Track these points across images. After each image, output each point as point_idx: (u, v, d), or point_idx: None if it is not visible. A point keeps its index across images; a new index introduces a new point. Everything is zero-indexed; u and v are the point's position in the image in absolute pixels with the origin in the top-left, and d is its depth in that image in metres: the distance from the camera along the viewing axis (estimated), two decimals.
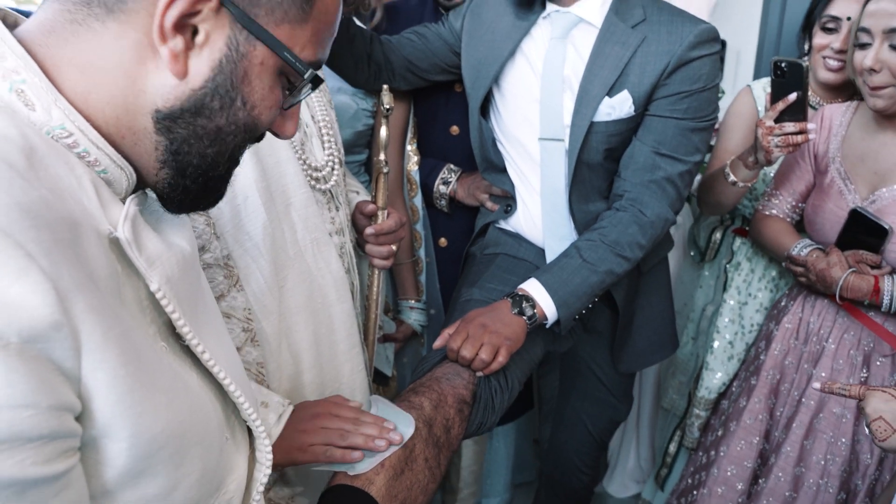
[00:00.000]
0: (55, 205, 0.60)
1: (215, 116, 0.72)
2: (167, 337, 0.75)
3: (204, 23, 0.68)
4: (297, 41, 0.74)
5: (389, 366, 1.94)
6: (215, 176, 0.77)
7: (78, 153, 0.67)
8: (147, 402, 0.66)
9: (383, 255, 1.55)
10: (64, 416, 0.58)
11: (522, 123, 1.73)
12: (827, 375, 1.81)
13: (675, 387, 2.48)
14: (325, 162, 1.43)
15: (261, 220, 1.27)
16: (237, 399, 0.85)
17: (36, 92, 0.65)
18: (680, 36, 1.57)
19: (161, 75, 0.68)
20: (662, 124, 1.62)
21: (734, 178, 1.87)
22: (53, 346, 0.57)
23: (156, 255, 0.72)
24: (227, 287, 1.26)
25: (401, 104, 1.96)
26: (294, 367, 1.36)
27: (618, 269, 1.63)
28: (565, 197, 1.73)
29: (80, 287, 0.59)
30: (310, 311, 1.37)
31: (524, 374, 1.64)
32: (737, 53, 2.54)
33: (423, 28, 1.86)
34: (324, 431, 1.17)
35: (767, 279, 2.20)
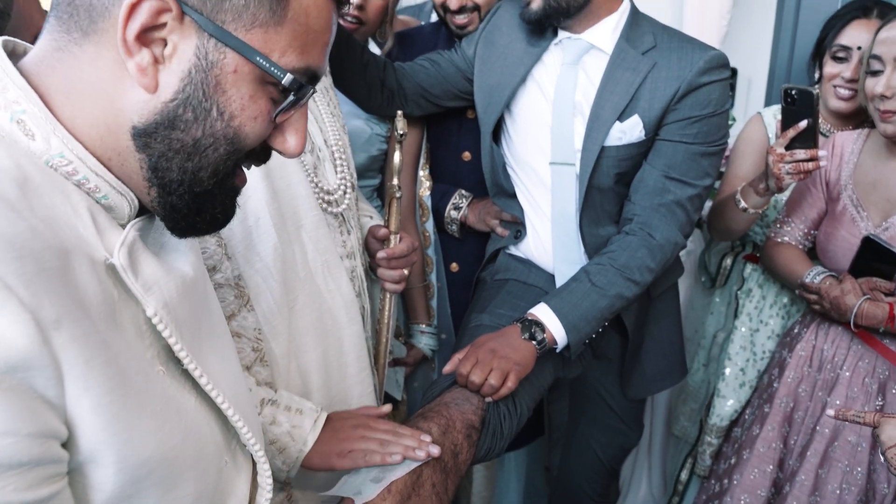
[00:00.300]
0: (45, 234, 0.61)
1: (190, 129, 0.70)
2: (166, 361, 0.76)
3: (171, 34, 0.67)
4: (273, 46, 0.71)
5: (399, 390, 1.95)
6: (202, 192, 0.75)
7: (77, 181, 0.68)
8: (134, 428, 0.66)
9: (395, 280, 1.55)
10: (47, 443, 0.59)
11: (534, 148, 1.75)
12: (842, 403, 1.79)
13: (686, 414, 2.47)
14: (337, 185, 1.44)
15: (272, 241, 1.28)
16: (236, 424, 0.85)
17: (35, 121, 0.66)
18: (690, 62, 1.59)
19: (135, 91, 0.68)
20: (672, 148, 1.63)
21: (745, 204, 1.87)
22: (34, 375, 0.58)
23: (153, 281, 0.72)
24: (238, 307, 1.27)
25: (414, 130, 1.98)
26: (302, 388, 1.37)
27: (627, 293, 1.63)
28: (576, 221, 1.73)
29: (65, 316, 0.60)
30: (319, 333, 1.38)
31: (533, 400, 1.64)
32: (748, 81, 2.55)
33: (436, 55, 1.88)
34: (364, 440, 1.21)
35: (779, 306, 2.19)
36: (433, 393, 1.54)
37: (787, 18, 2.49)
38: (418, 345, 2.06)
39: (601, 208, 1.72)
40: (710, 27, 2.41)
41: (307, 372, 1.37)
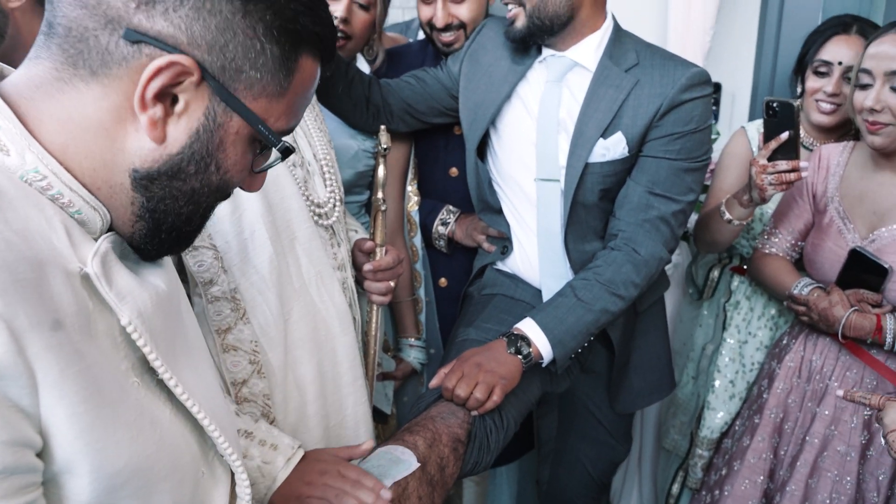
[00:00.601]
0: (19, 246, 0.63)
1: (190, 179, 0.75)
2: (141, 373, 0.76)
3: (184, 93, 0.71)
4: (271, 113, 0.77)
5: (389, 404, 1.95)
6: (189, 230, 0.81)
7: (52, 195, 0.69)
8: (109, 437, 0.67)
9: (381, 292, 1.57)
10: (22, 452, 0.60)
11: (519, 165, 1.76)
12: (830, 414, 1.81)
13: (676, 427, 2.47)
14: (327, 199, 1.46)
15: (267, 253, 1.30)
16: (213, 434, 0.85)
17: (11, 137, 0.68)
18: (672, 79, 1.61)
19: (140, 137, 0.71)
20: (656, 165, 1.65)
21: (729, 216, 1.90)
22: (8, 384, 0.59)
23: (127, 291, 0.73)
24: (234, 320, 1.29)
25: (402, 145, 2.00)
26: (299, 399, 1.38)
27: (613, 308, 1.64)
28: (561, 237, 1.75)
29: (38, 325, 0.61)
30: (314, 344, 1.39)
31: (521, 414, 1.65)
32: (732, 96, 2.59)
33: (421, 72, 1.90)
34: (324, 488, 1.19)
35: (767, 317, 2.20)
36: (420, 407, 1.55)
37: (769, 34, 2.53)
38: (407, 358, 2.07)
39: (586, 224, 1.74)
40: (693, 43, 2.44)
41: (303, 383, 1.38)
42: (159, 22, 0.69)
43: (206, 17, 0.70)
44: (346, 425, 1.48)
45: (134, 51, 0.69)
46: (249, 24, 0.72)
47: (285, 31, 0.74)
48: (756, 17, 2.58)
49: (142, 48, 0.69)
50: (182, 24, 0.69)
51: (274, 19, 0.73)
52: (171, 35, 0.69)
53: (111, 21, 0.68)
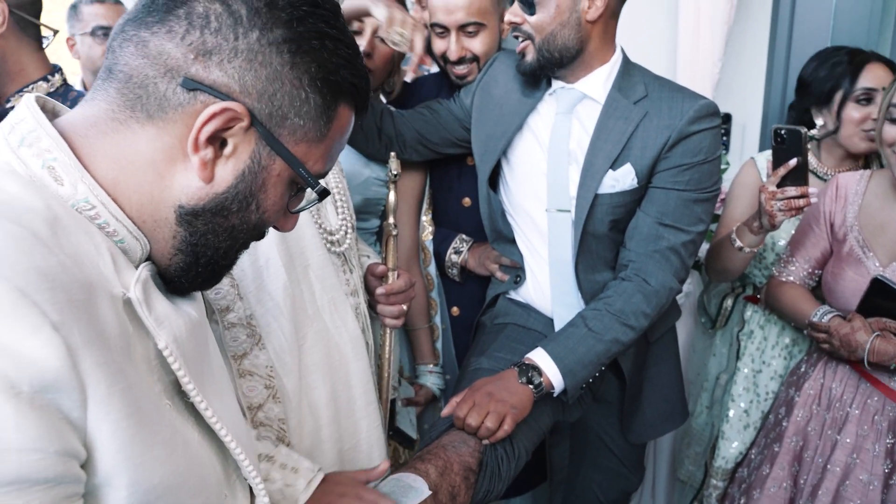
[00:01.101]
0: (72, 269, 0.67)
1: (231, 217, 0.81)
2: (172, 395, 0.80)
3: (233, 136, 0.77)
4: (310, 157, 0.83)
5: (414, 428, 1.96)
6: (224, 265, 0.86)
7: (99, 224, 0.75)
8: (146, 453, 0.70)
9: (394, 315, 1.60)
10: (70, 463, 0.63)
11: (530, 195, 1.79)
12: (852, 442, 1.79)
13: (690, 458, 2.45)
14: (338, 226, 1.50)
15: (282, 280, 1.34)
16: (238, 457, 0.89)
17: (65, 169, 0.73)
18: (680, 111, 1.63)
19: (188, 176, 0.77)
20: (665, 196, 1.66)
21: (740, 243, 1.91)
22: (62, 396, 0.62)
23: (164, 316, 0.78)
24: (250, 346, 1.32)
25: (417, 175, 2.04)
26: (314, 423, 1.40)
27: (623, 338, 1.65)
28: (572, 267, 1.76)
29: (90, 343, 0.65)
30: (328, 369, 1.42)
31: (532, 443, 1.65)
32: (742, 127, 2.61)
33: (435, 103, 1.94)
34: None
35: (781, 346, 2.20)
36: (432, 435, 1.56)
37: (778, 64, 2.56)
38: (426, 384, 2.08)
39: (597, 254, 1.75)
40: (702, 74, 2.47)
41: (317, 407, 1.41)
42: (215, 72, 0.75)
43: (257, 68, 0.76)
44: (360, 449, 1.50)
45: (190, 97, 0.75)
46: (296, 75, 0.78)
47: (328, 82, 0.80)
48: (765, 48, 2.61)
49: (197, 95, 0.75)
50: (235, 74, 0.76)
51: (318, 71, 0.79)
52: (224, 84, 0.75)
53: (170, 70, 0.75)
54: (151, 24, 0.75)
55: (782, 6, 2.54)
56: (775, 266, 2.08)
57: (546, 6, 1.62)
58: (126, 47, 0.76)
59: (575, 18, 1.61)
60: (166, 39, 0.75)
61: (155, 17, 0.75)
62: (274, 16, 0.76)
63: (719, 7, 2.41)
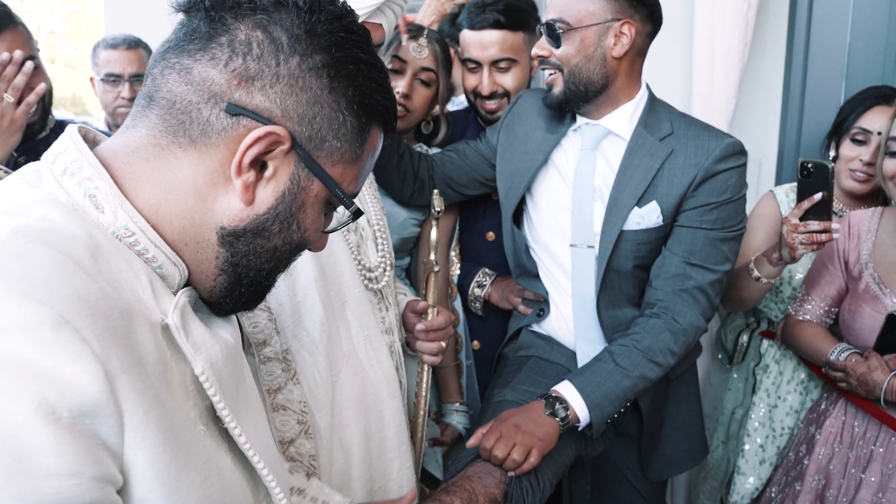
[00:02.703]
0: (112, 296, 0.68)
1: (273, 238, 0.82)
2: (207, 421, 0.80)
3: (273, 160, 0.78)
4: (346, 178, 0.85)
5: (440, 468, 1.94)
6: (266, 285, 0.88)
7: (138, 251, 0.76)
8: (182, 479, 0.70)
9: (433, 352, 1.59)
10: (106, 488, 0.63)
11: (554, 231, 1.79)
12: (877, 480, 1.78)
13: (706, 492, 2.43)
14: (378, 263, 1.50)
15: (318, 316, 1.34)
16: (269, 483, 0.88)
17: (105, 197, 0.75)
18: (707, 149, 1.64)
19: (229, 198, 0.78)
20: (692, 235, 1.66)
21: (758, 273, 1.91)
22: (100, 422, 0.63)
23: (201, 342, 0.78)
24: (285, 380, 1.32)
25: (450, 212, 2.06)
26: (345, 462, 1.39)
27: (650, 375, 1.64)
28: (594, 302, 1.76)
29: (128, 370, 0.65)
30: (361, 406, 1.41)
31: (555, 477, 1.64)
32: (758, 163, 2.61)
33: (462, 145, 1.97)
34: None
35: (796, 381, 2.19)
36: (457, 467, 1.54)
37: (793, 100, 2.57)
38: (452, 423, 2.06)
39: (620, 291, 1.75)
40: (717, 112, 2.49)
41: (349, 445, 1.40)
42: (257, 97, 0.77)
43: (297, 93, 0.78)
44: (390, 490, 1.48)
45: (233, 122, 0.76)
46: (335, 98, 0.80)
47: (363, 104, 0.83)
48: (780, 85, 2.63)
49: (240, 120, 0.76)
50: (277, 99, 0.77)
51: (355, 94, 0.81)
52: (266, 108, 0.77)
53: (214, 96, 0.76)
54: (194, 52, 0.77)
55: (796, 44, 2.56)
56: (791, 305, 2.07)
57: (571, 40, 1.64)
58: (168, 74, 0.77)
59: (600, 54, 1.63)
60: (210, 66, 0.76)
61: (197, 45, 0.77)
62: (313, 42, 0.78)
63: (733, 45, 2.43)
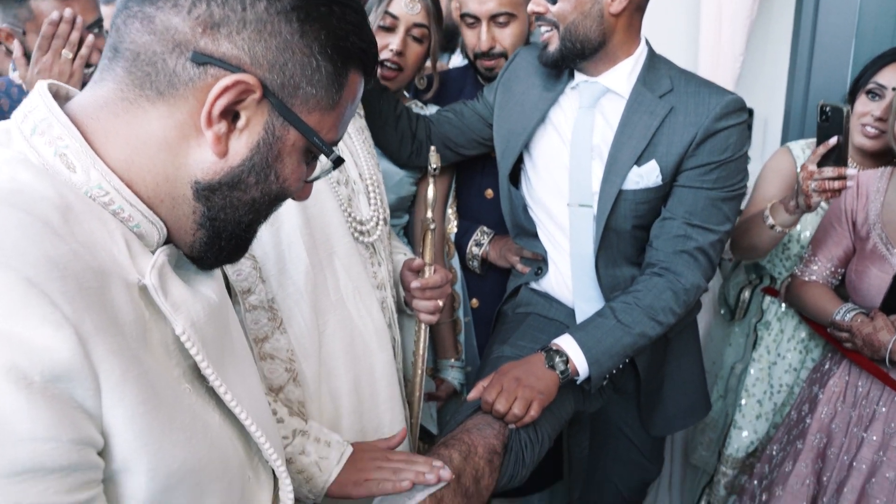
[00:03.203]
0: (85, 257, 0.67)
1: (250, 190, 0.80)
2: (192, 379, 0.80)
3: (245, 109, 0.75)
4: (323, 126, 0.82)
5: (434, 423, 1.97)
6: (247, 238, 0.86)
7: (113, 210, 0.74)
8: (165, 438, 0.70)
9: (430, 310, 1.58)
10: (85, 451, 0.63)
11: (552, 190, 1.78)
12: (879, 439, 1.78)
13: (704, 444, 2.45)
14: (370, 216, 1.49)
15: (303, 265, 1.34)
16: (259, 440, 0.89)
17: (76, 156, 0.72)
18: (707, 107, 1.61)
19: (202, 151, 0.76)
20: (693, 195, 1.64)
21: (773, 221, 1.87)
22: (75, 385, 0.62)
23: (181, 301, 0.77)
24: (271, 329, 1.33)
25: (447, 169, 2.04)
26: (334, 412, 1.41)
27: (651, 333, 1.64)
28: (592, 261, 1.75)
29: (102, 331, 0.65)
30: (350, 358, 1.42)
31: (554, 431, 1.65)
32: (764, 121, 2.58)
33: (459, 105, 1.94)
34: (378, 469, 1.28)
35: (797, 340, 2.19)
36: (456, 420, 1.56)
37: (801, 59, 2.53)
38: (448, 378, 2.08)
39: (618, 250, 1.74)
40: (724, 69, 2.46)
41: (338, 395, 1.41)
42: (224, 44, 0.74)
43: (266, 39, 0.75)
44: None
45: (200, 72, 0.73)
46: (306, 43, 0.77)
47: (337, 48, 0.79)
48: (788, 43, 2.59)
49: (207, 69, 0.73)
50: (245, 46, 0.74)
51: (328, 38, 0.78)
52: (235, 56, 0.74)
53: (178, 45, 0.73)
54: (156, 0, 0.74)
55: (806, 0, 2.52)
56: (797, 266, 2.06)
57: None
58: (131, 24, 0.74)
59: (597, 10, 1.60)
60: (172, 14, 0.73)
61: None
62: None
63: (742, 1, 2.39)
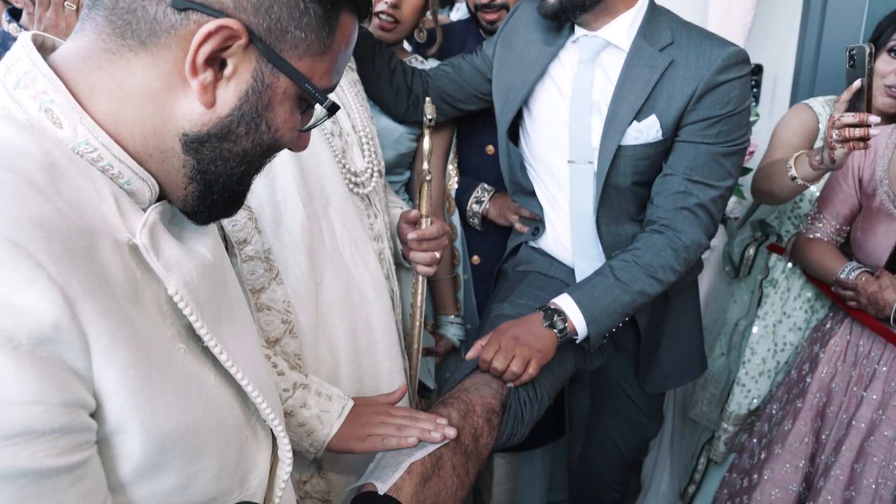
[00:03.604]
0: (71, 216, 0.65)
1: (241, 140, 0.77)
2: (187, 339, 0.78)
3: (232, 57, 0.72)
4: (316, 72, 0.79)
5: (432, 378, 1.98)
6: (241, 190, 0.83)
7: (102, 167, 0.71)
8: (158, 399, 0.69)
9: (426, 262, 1.59)
10: (76, 413, 0.62)
11: (552, 146, 1.76)
12: (878, 398, 1.78)
13: (705, 400, 2.45)
14: (364, 168, 1.49)
15: (299, 216, 1.34)
16: (256, 400, 0.88)
17: (63, 111, 0.70)
18: (708, 60, 1.57)
19: (188, 102, 0.73)
20: (693, 150, 1.62)
21: (794, 172, 1.80)
22: (63, 347, 0.61)
23: (174, 261, 0.75)
24: (268, 280, 1.33)
25: (447, 124, 2.03)
26: (332, 362, 1.42)
27: (650, 291, 1.64)
28: (593, 219, 1.74)
29: (90, 292, 0.63)
30: (347, 308, 1.42)
31: (554, 389, 1.66)
32: (773, 78, 2.53)
33: (458, 59, 1.92)
34: (382, 425, 1.28)
35: (803, 299, 2.18)
36: (455, 379, 1.57)
37: (813, 14, 2.48)
38: (447, 335, 2.09)
39: (619, 207, 1.73)
40: (734, 23, 2.41)
41: (336, 346, 1.42)
42: None
43: None
44: (381, 391, 1.50)
45: (181, 18, 0.70)
46: None
47: None
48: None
49: (189, 15, 0.70)
50: None
51: None
52: (217, 0, 0.71)
53: None
54: None
55: None
56: (803, 223, 2.04)
57: None
58: None
59: None
60: None
61: None
62: None
63: None
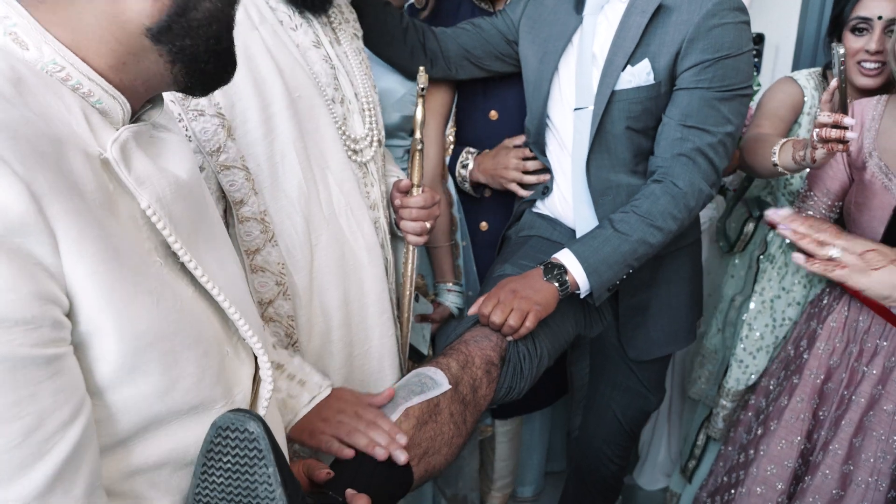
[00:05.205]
0: (38, 124, 0.66)
1: (200, 4, 0.77)
2: (164, 256, 0.79)
3: None
4: None
5: (426, 344, 1.98)
6: (226, 48, 0.83)
7: (72, 86, 0.72)
8: (130, 299, 0.71)
9: (416, 231, 1.58)
10: (48, 306, 0.63)
11: (558, 101, 1.77)
12: (878, 373, 1.77)
13: (704, 377, 2.45)
14: (364, 135, 1.48)
15: (296, 178, 1.34)
16: (233, 316, 0.88)
17: (27, 33, 0.71)
18: (699, 4, 1.57)
19: (135, 1, 0.73)
20: (688, 96, 1.62)
21: (776, 159, 1.78)
22: (32, 241, 0.62)
23: (146, 177, 0.76)
24: (263, 242, 1.34)
25: (447, 90, 2.00)
26: (324, 325, 1.42)
27: (651, 240, 1.63)
28: (584, 163, 1.74)
29: (58, 192, 0.64)
30: (341, 272, 1.43)
31: (554, 348, 1.66)
32: (775, 48, 2.51)
33: (478, 19, 1.91)
34: (338, 425, 1.21)
35: (801, 274, 2.15)
36: (457, 332, 1.58)
37: None
38: (445, 303, 2.07)
39: (613, 153, 1.72)
40: None
41: (329, 309, 1.42)
42: None
43: None
44: (371, 356, 1.51)
45: None
46: None
47: None
48: None
49: None
50: None
51: None
52: None
53: None
54: None
55: None
56: (795, 202, 2.02)
57: None
58: None
59: None
60: None
61: None
62: None
63: None
